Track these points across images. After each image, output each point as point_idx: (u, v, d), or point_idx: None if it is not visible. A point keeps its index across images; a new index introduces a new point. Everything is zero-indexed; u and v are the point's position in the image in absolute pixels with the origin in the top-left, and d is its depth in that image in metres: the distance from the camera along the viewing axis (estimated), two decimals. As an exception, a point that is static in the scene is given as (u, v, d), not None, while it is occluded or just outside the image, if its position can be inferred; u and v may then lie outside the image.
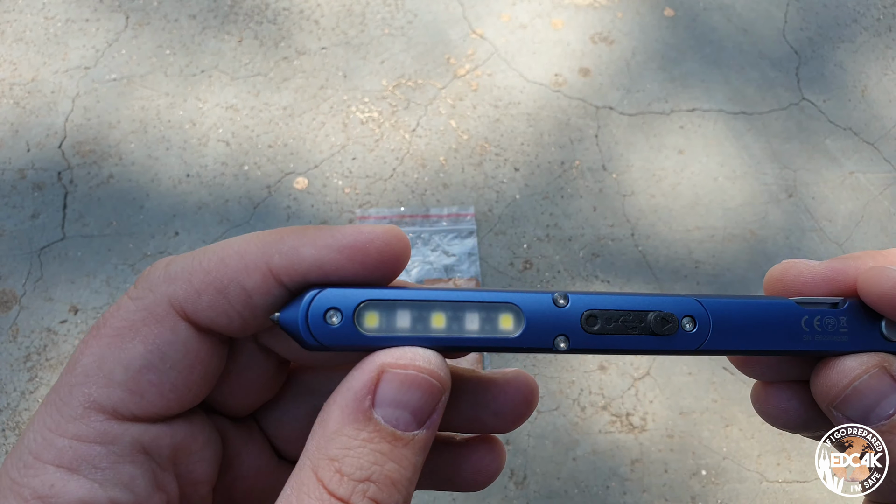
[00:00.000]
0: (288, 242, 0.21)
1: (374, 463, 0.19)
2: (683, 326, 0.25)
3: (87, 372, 0.20)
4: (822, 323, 0.26)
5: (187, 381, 0.21)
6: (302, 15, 1.42)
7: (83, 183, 1.20)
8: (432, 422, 0.21)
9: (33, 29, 1.37)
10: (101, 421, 0.19)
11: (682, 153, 1.29)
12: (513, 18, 1.44)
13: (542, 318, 0.24)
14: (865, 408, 0.24)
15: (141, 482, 0.20)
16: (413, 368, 0.21)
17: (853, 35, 1.46)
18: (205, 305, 0.21)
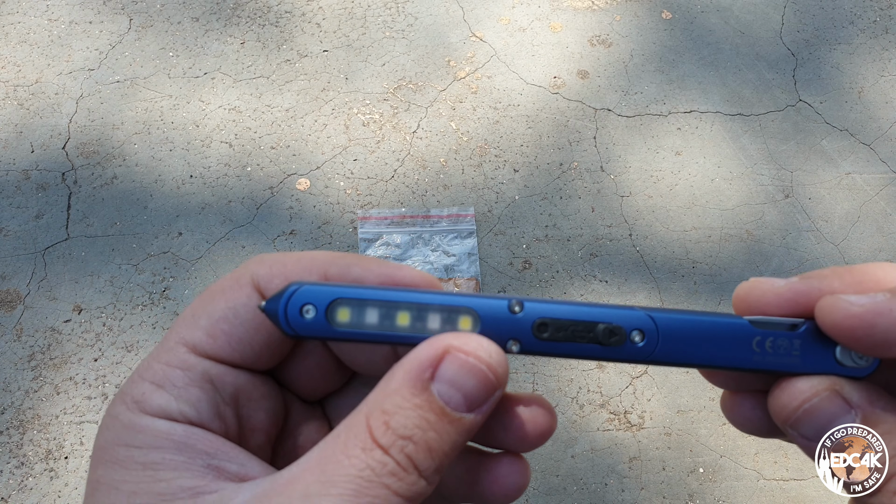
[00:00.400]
0: (346, 260, 0.26)
1: (419, 427, 0.22)
2: (632, 339, 0.27)
3: (184, 318, 0.26)
4: (773, 344, 0.27)
5: (252, 340, 0.26)
6: (304, 18, 1.43)
7: (87, 184, 1.21)
8: (481, 411, 0.23)
9: (37, 31, 1.38)
10: (184, 353, 0.25)
11: (679, 154, 1.30)
12: (512, 22, 1.45)
13: (497, 322, 0.26)
14: (818, 428, 0.25)
15: (204, 405, 0.25)
16: (474, 357, 0.23)
17: (850, 37, 1.48)
18: (273, 287, 0.26)
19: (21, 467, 0.97)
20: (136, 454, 0.23)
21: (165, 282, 1.13)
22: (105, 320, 1.09)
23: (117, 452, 0.24)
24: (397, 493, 0.22)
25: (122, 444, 0.24)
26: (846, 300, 0.25)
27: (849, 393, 0.25)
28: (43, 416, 1.01)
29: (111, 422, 0.24)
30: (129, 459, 0.23)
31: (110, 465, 0.24)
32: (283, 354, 0.27)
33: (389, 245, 1.16)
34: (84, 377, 1.04)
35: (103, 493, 0.24)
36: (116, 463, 0.24)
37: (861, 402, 0.25)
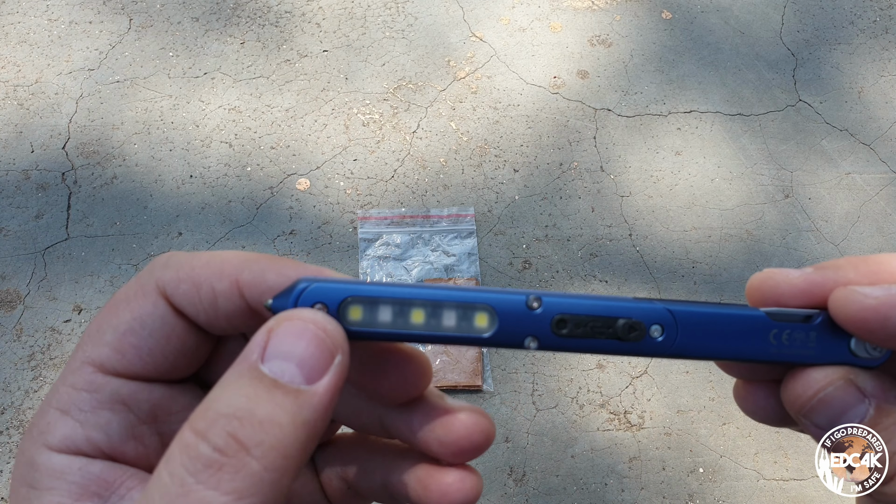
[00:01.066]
0: (260, 265, 0.24)
1: (245, 403, 0.19)
2: (651, 334, 0.26)
3: (89, 334, 0.24)
4: (790, 336, 0.27)
5: (163, 350, 0.24)
6: (304, 18, 1.44)
7: (87, 184, 1.21)
8: (325, 383, 0.21)
9: (37, 31, 1.39)
10: (90, 373, 0.23)
11: (679, 154, 1.30)
12: (512, 22, 1.45)
13: (515, 319, 0.25)
14: (832, 417, 0.26)
15: (116, 427, 0.23)
16: (299, 319, 0.21)
17: (850, 37, 1.48)
18: (181, 294, 0.23)
19: (21, 467, 0.97)
20: (32, 496, 0.22)
21: (165, 282, 1.13)
22: (105, 320, 1.09)
23: (19, 493, 0.22)
24: (223, 490, 0.18)
25: (23, 484, 0.22)
26: (860, 292, 0.24)
27: (863, 382, 0.25)
28: (43, 416, 1.01)
29: (18, 456, 0.23)
30: (25, 502, 0.22)
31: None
32: (201, 360, 0.25)
33: (389, 245, 1.17)
34: (84, 377, 1.04)
35: None
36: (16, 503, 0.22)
37: (875, 391, 0.25)
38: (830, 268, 0.26)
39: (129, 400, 0.23)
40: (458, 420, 0.25)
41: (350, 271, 1.14)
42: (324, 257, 1.16)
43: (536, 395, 1.05)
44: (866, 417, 0.25)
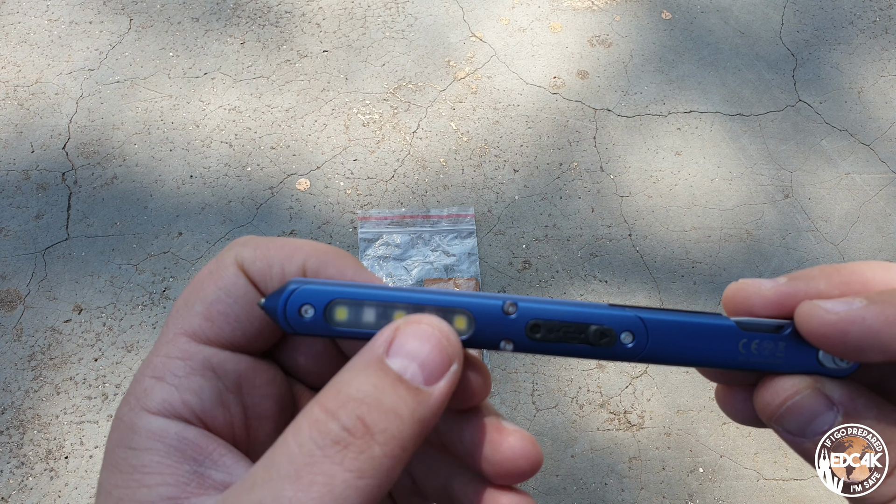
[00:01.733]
0: (327, 257, 0.26)
1: (373, 391, 0.21)
2: (622, 340, 0.27)
3: (178, 309, 0.26)
4: (759, 346, 0.27)
5: (249, 317, 0.26)
6: (304, 18, 1.44)
7: (87, 184, 1.21)
8: (441, 388, 0.22)
9: (37, 31, 1.39)
10: (183, 342, 0.25)
11: (679, 154, 1.30)
12: (512, 22, 1.45)
13: (491, 323, 0.27)
14: (801, 425, 0.26)
15: (207, 393, 0.25)
16: (426, 324, 0.23)
17: (849, 37, 1.48)
18: (255, 269, 0.26)
19: (21, 467, 0.97)
20: (131, 456, 0.23)
21: (165, 282, 1.13)
22: (105, 320, 1.09)
23: (116, 454, 0.24)
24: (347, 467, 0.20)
25: (121, 446, 0.24)
26: (822, 307, 0.25)
27: (830, 390, 0.26)
28: (43, 416, 1.01)
29: (115, 422, 0.25)
30: (124, 462, 0.24)
31: (109, 467, 0.24)
32: (276, 335, 0.27)
33: (389, 245, 1.17)
34: (84, 377, 1.04)
35: (101, 498, 0.24)
36: (114, 465, 0.24)
37: (842, 398, 0.25)
38: (803, 278, 0.27)
39: (218, 368, 0.25)
40: (508, 443, 0.26)
41: (350, 271, 1.14)
42: (324, 257, 1.16)
43: (536, 395, 1.05)
44: (834, 425, 0.25)
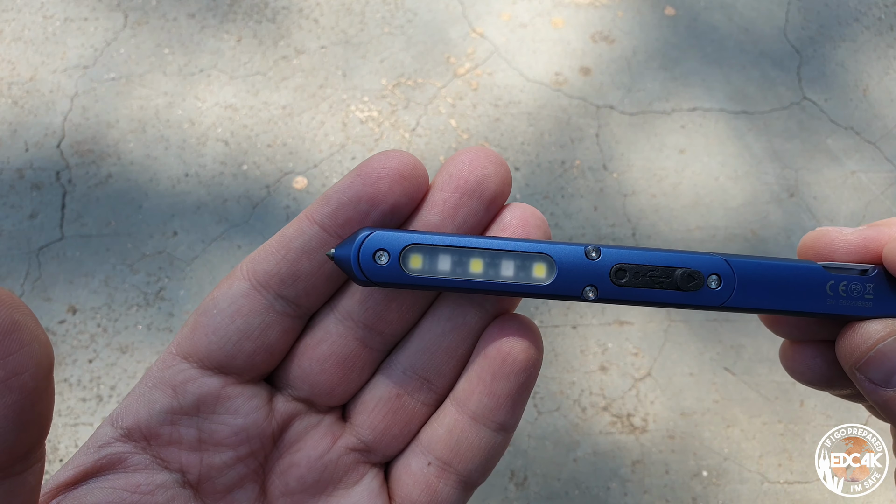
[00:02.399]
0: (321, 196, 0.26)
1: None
2: (709, 284, 0.26)
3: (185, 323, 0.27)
4: (847, 288, 0.26)
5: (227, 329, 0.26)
6: (301, 14, 1.42)
7: (82, 182, 1.20)
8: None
9: (31, 28, 1.37)
10: (168, 357, 0.26)
11: (683, 152, 1.29)
12: (513, 17, 1.44)
13: (574, 268, 0.26)
14: (888, 371, 0.24)
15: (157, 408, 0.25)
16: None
17: (855, 34, 1.46)
18: (260, 259, 0.26)
19: (14, 471, 0.96)
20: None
21: (161, 282, 1.11)
22: (100, 321, 1.07)
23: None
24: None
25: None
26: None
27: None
28: (36, 419, 1.00)
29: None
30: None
31: None
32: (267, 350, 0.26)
33: (388, 245, 1.15)
34: (79, 379, 1.03)
35: None
36: None
37: None
38: (884, 225, 0.26)
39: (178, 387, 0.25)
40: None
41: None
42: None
43: (538, 398, 1.04)
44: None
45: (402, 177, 0.24)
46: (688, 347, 1.08)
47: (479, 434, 0.26)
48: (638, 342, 1.08)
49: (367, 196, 0.24)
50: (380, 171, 0.24)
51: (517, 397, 0.26)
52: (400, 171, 0.24)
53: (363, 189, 0.24)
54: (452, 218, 0.26)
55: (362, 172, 0.24)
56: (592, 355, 1.07)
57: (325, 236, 0.25)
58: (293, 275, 0.25)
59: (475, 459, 0.26)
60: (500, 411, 0.26)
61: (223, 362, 0.25)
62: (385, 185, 0.24)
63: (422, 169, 0.25)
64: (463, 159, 0.25)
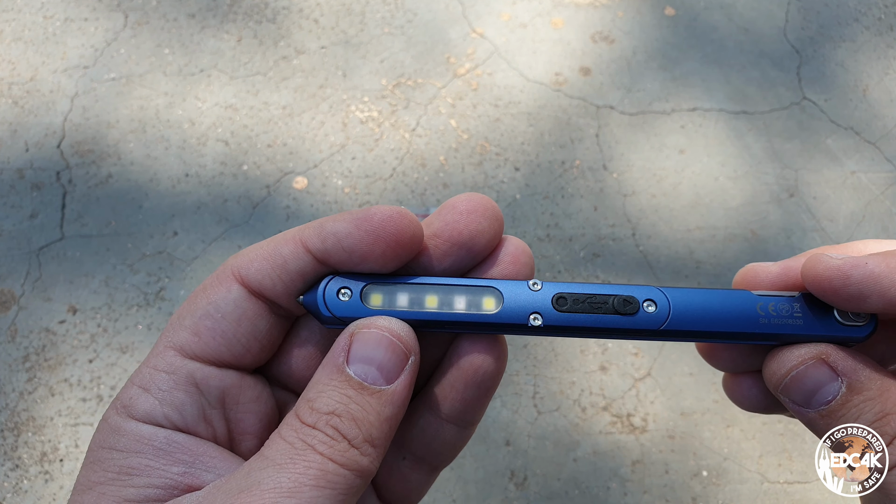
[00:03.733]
0: (317, 222, 0.27)
1: (340, 403, 0.24)
2: (645, 308, 0.28)
3: (171, 322, 0.27)
4: (776, 308, 0.28)
5: (235, 332, 0.26)
6: (301, 14, 1.42)
7: (82, 183, 1.20)
8: (401, 382, 0.25)
9: (32, 28, 1.37)
10: (171, 356, 0.26)
11: (683, 153, 1.29)
12: (513, 17, 1.44)
13: (519, 298, 0.28)
14: (806, 394, 0.27)
15: (189, 409, 0.26)
16: (377, 328, 0.26)
17: (854, 34, 1.46)
18: (255, 270, 0.27)
19: (16, 470, 0.96)
20: (117, 457, 0.24)
21: (161, 282, 1.11)
22: (100, 321, 1.07)
23: (100, 454, 0.25)
24: (329, 457, 0.23)
25: (105, 447, 0.25)
26: (827, 255, 0.27)
27: (835, 360, 0.26)
28: (38, 419, 1.00)
29: (101, 425, 0.26)
30: (108, 461, 0.24)
31: (91, 465, 0.25)
32: (269, 349, 0.28)
33: (388, 245, 1.15)
34: (79, 379, 1.03)
35: (78, 493, 0.25)
36: (97, 464, 0.25)
37: (847, 369, 0.26)
38: (804, 255, 0.29)
39: (201, 383, 0.26)
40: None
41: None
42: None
43: (538, 398, 1.04)
44: (839, 395, 0.26)
45: (397, 243, 0.26)
46: (687, 347, 1.08)
47: (450, 432, 0.29)
48: (637, 342, 1.08)
49: (359, 253, 0.26)
50: (378, 232, 0.26)
51: (485, 401, 0.29)
52: (396, 238, 0.26)
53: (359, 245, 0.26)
54: (440, 262, 0.28)
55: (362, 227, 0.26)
56: (592, 355, 1.07)
57: (318, 266, 0.27)
58: (287, 293, 0.27)
59: (445, 452, 0.29)
60: (469, 413, 0.29)
61: (232, 362, 0.27)
62: (379, 249, 0.26)
63: (420, 235, 0.27)
64: (460, 209, 0.27)
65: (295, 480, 0.23)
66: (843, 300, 0.26)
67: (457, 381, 0.28)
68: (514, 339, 1.09)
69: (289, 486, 0.22)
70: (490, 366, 0.28)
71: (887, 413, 0.25)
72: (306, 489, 0.22)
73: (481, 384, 0.28)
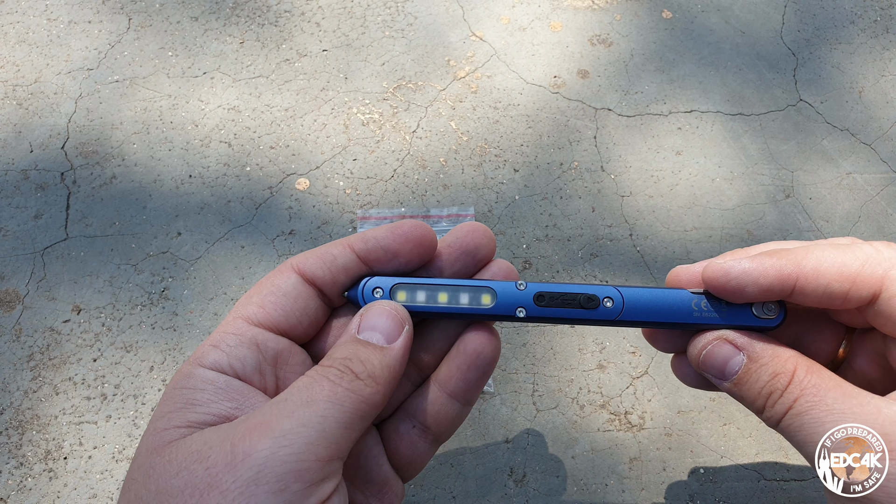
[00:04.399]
0: (360, 232, 0.36)
1: (352, 351, 0.32)
2: (604, 304, 0.37)
3: (240, 301, 0.36)
4: (707, 305, 0.37)
5: (293, 308, 0.35)
6: (303, 17, 1.43)
7: (86, 184, 1.21)
8: (399, 342, 0.34)
9: (36, 31, 1.38)
10: (240, 323, 0.34)
11: (679, 154, 1.30)
12: (512, 21, 1.45)
13: (508, 296, 0.38)
14: (718, 367, 0.35)
15: (248, 362, 0.33)
16: (380, 305, 0.35)
17: (850, 37, 1.47)
18: (309, 264, 0.36)
19: (20, 468, 0.97)
20: (186, 393, 0.32)
21: (164, 282, 1.12)
22: (104, 320, 1.08)
23: (173, 393, 0.32)
24: (339, 384, 0.30)
25: (178, 387, 0.32)
26: (717, 260, 0.35)
27: (734, 338, 0.34)
28: (42, 417, 1.01)
29: (176, 374, 0.33)
30: (179, 396, 0.32)
31: (166, 401, 0.32)
32: (314, 327, 0.36)
33: (389, 245, 1.16)
34: (83, 377, 1.04)
35: (154, 420, 0.32)
36: (170, 399, 0.32)
37: (744, 344, 0.34)
38: (721, 256, 0.37)
39: (261, 344, 0.34)
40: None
41: (350, 271, 1.14)
42: (323, 257, 1.16)
43: (537, 396, 1.05)
44: (742, 365, 0.33)
45: (420, 244, 0.37)
46: (685, 346, 1.08)
47: (453, 407, 0.37)
48: (635, 341, 1.09)
49: (393, 250, 0.36)
50: (407, 235, 0.36)
51: (481, 382, 0.38)
52: (419, 239, 0.37)
53: (392, 244, 0.36)
54: (452, 265, 0.40)
55: (395, 231, 0.36)
56: (590, 354, 1.08)
57: (359, 263, 0.37)
58: (332, 282, 0.36)
59: (447, 424, 0.37)
60: (469, 391, 0.37)
61: (287, 330, 0.35)
62: (407, 247, 0.37)
63: (434, 240, 0.38)
64: (466, 231, 0.39)
65: (311, 396, 0.29)
66: (729, 293, 0.34)
67: (462, 364, 0.36)
68: (513, 338, 1.10)
69: (306, 399, 0.29)
70: (488, 352, 0.36)
71: (778, 373, 0.32)
72: (319, 403, 0.29)
73: (480, 366, 0.36)
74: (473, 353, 0.36)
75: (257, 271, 1.14)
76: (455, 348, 0.37)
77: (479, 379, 0.36)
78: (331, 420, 0.29)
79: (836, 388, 0.31)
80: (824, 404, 0.30)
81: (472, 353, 0.36)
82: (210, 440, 0.28)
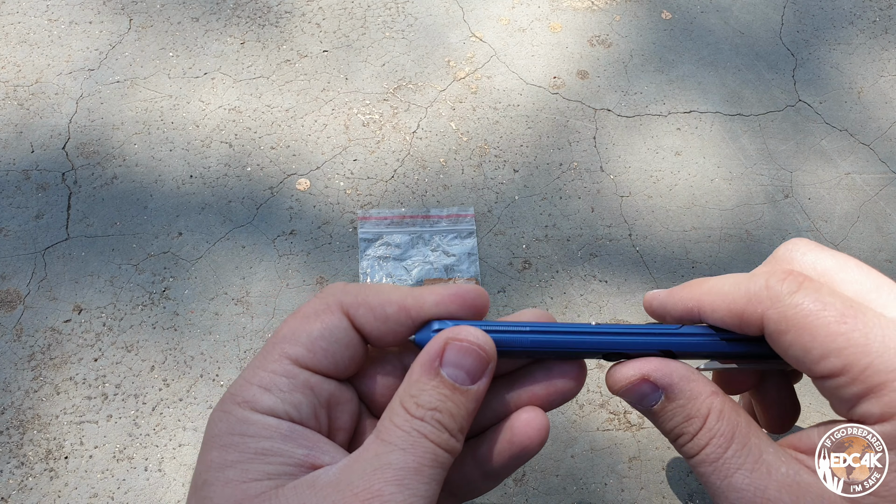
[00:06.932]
0: (419, 292, 0.34)
1: (440, 400, 0.30)
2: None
3: (285, 336, 0.32)
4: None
5: (343, 355, 0.33)
6: (304, 18, 1.44)
7: (87, 184, 1.21)
8: (482, 382, 0.32)
9: (37, 31, 1.39)
10: (287, 364, 0.32)
11: (678, 154, 1.30)
12: (512, 22, 1.45)
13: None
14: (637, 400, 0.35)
15: (305, 407, 0.32)
16: (466, 342, 0.32)
17: (849, 37, 1.48)
18: (360, 315, 0.33)
19: (21, 467, 0.97)
20: (250, 441, 0.29)
21: (165, 282, 1.13)
22: (105, 320, 1.09)
23: (232, 440, 0.30)
24: (437, 444, 0.30)
25: (236, 434, 0.30)
26: (650, 294, 0.38)
27: (656, 378, 0.34)
28: (43, 416, 1.01)
29: (224, 416, 0.31)
30: (243, 445, 0.29)
31: (225, 448, 0.29)
32: (359, 366, 0.35)
33: (389, 245, 1.17)
34: (84, 377, 1.04)
35: (217, 471, 0.29)
36: (231, 447, 0.29)
37: (663, 383, 0.34)
38: (684, 285, 0.38)
39: (315, 388, 0.32)
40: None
41: (350, 271, 1.14)
42: (324, 257, 1.16)
43: (536, 395, 1.05)
44: (658, 402, 0.34)
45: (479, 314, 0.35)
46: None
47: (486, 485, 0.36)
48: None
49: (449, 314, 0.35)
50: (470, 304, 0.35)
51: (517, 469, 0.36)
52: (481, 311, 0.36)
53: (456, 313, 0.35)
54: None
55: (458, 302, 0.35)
56: (590, 353, 1.09)
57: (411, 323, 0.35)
58: (380, 339, 0.34)
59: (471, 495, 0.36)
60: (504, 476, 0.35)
61: (335, 375, 0.34)
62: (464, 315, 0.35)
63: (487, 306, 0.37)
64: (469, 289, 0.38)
65: (418, 461, 0.29)
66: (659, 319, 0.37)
67: (506, 452, 0.35)
68: (512, 337, 1.10)
69: (414, 465, 0.28)
70: (536, 445, 0.35)
71: (692, 417, 0.33)
72: (426, 468, 0.29)
73: (523, 458, 0.35)
74: (521, 446, 0.34)
75: (258, 271, 1.14)
76: (504, 433, 0.34)
77: (517, 467, 0.35)
78: (434, 485, 0.29)
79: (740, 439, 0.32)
80: (724, 458, 0.32)
81: (519, 446, 0.34)
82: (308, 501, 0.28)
